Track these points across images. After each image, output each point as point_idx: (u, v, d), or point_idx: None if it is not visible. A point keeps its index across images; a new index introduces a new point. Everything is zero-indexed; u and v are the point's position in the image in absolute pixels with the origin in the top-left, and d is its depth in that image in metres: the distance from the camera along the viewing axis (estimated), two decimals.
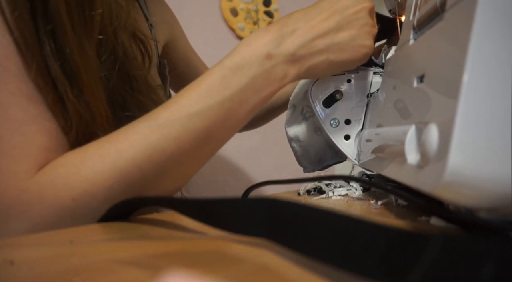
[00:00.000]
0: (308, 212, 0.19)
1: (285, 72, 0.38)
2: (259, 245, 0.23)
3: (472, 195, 0.19)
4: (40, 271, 0.19)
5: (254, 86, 0.37)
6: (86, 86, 0.38)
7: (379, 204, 0.36)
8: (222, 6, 1.15)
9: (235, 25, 1.16)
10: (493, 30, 0.19)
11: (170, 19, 0.71)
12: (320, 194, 0.43)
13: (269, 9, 1.22)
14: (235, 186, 1.15)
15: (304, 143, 0.53)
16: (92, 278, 0.18)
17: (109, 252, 0.23)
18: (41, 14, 0.36)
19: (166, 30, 0.68)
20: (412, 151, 0.25)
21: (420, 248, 0.15)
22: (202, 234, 0.27)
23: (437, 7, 0.27)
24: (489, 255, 0.13)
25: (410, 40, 0.34)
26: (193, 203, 0.26)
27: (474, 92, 0.19)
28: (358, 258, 0.17)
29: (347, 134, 0.48)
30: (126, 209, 0.33)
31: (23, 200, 0.32)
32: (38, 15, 0.36)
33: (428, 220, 0.29)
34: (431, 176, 0.21)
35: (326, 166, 0.55)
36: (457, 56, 0.21)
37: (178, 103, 0.36)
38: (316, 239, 0.18)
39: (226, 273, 0.19)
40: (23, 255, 0.22)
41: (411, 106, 0.29)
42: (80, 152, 0.34)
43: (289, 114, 0.53)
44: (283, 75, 0.38)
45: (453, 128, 0.19)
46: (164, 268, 0.19)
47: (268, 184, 0.36)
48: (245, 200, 0.23)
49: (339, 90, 0.48)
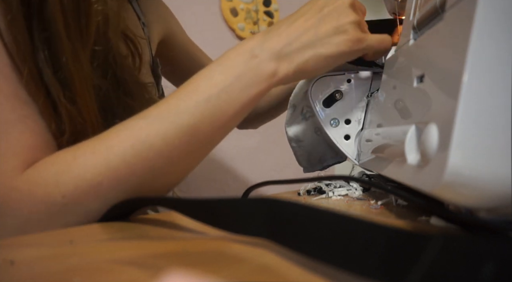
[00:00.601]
0: (308, 212, 0.19)
1: (273, 70, 0.38)
2: (259, 245, 0.23)
3: (472, 195, 0.19)
4: (40, 271, 0.19)
5: (240, 84, 0.38)
6: (79, 94, 0.39)
7: (379, 204, 0.36)
8: (222, 6, 1.15)
9: (235, 25, 1.16)
10: (493, 30, 0.19)
11: (166, 15, 0.71)
12: (320, 194, 0.43)
13: (269, 9, 1.22)
14: (235, 186, 1.15)
15: (304, 143, 0.53)
16: (92, 278, 0.18)
17: (109, 252, 0.23)
18: (37, 21, 0.36)
19: (161, 26, 0.68)
20: (412, 151, 0.25)
21: (420, 248, 0.15)
22: (202, 234, 0.27)
23: (437, 7, 0.27)
24: (489, 255, 0.13)
25: (410, 40, 0.34)
26: (193, 203, 0.26)
27: (474, 92, 0.19)
28: (358, 258, 0.17)
29: (347, 134, 0.48)
30: (126, 209, 0.33)
31: (12, 198, 0.33)
32: (34, 22, 0.36)
33: (428, 220, 0.29)
34: (431, 176, 0.21)
35: (326, 166, 0.55)
36: (457, 56, 0.21)
37: (167, 102, 0.37)
38: (316, 239, 0.18)
39: (226, 273, 0.19)
40: (23, 255, 0.22)
41: (411, 106, 0.29)
42: (72, 149, 0.35)
43: (289, 114, 0.53)
44: (271, 73, 0.38)
45: (453, 128, 0.19)
46: (164, 268, 0.19)
47: (268, 184, 0.36)
48: (245, 200, 0.23)
49: (339, 90, 0.48)
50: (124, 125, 0.36)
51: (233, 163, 1.16)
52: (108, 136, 0.35)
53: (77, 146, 0.35)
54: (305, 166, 0.55)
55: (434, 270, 0.14)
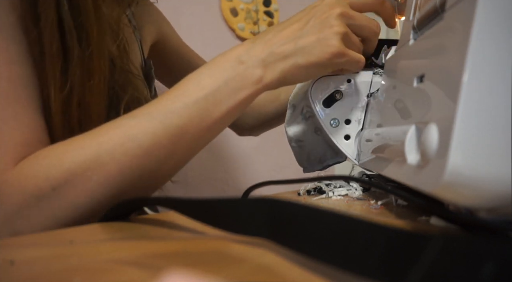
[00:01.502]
0: (308, 212, 0.19)
1: (259, 76, 0.40)
2: (259, 245, 0.23)
3: (472, 195, 0.19)
4: (40, 271, 0.19)
5: (228, 88, 0.39)
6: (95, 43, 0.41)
7: (379, 204, 0.36)
8: (222, 6, 1.15)
9: (235, 25, 1.16)
10: (493, 30, 0.19)
11: (158, 19, 0.72)
12: (320, 194, 0.43)
13: (269, 9, 1.22)
14: (235, 186, 1.15)
15: (304, 143, 0.53)
16: (92, 278, 0.18)
17: (109, 252, 0.23)
18: None
19: (154, 29, 0.69)
20: (412, 151, 0.25)
21: (420, 248, 0.15)
22: (202, 234, 0.27)
23: (437, 7, 0.27)
24: (489, 255, 0.13)
25: (410, 40, 0.34)
26: (193, 203, 0.26)
27: (474, 92, 0.19)
28: (358, 258, 0.17)
29: (347, 134, 0.48)
30: (126, 209, 0.33)
31: (3, 191, 0.34)
32: None
33: (428, 220, 0.29)
34: (431, 176, 0.21)
35: (326, 166, 0.55)
36: (457, 56, 0.21)
37: (157, 102, 0.39)
38: (316, 239, 0.18)
39: (226, 273, 0.19)
40: (23, 255, 0.22)
41: (411, 106, 0.29)
42: (63, 144, 0.36)
43: (289, 114, 0.53)
44: (257, 79, 0.40)
45: (453, 128, 0.19)
46: (164, 268, 0.19)
47: (268, 184, 0.36)
48: (245, 200, 0.23)
49: (339, 90, 0.48)
50: (114, 123, 0.37)
51: (233, 163, 1.16)
52: (99, 133, 0.37)
53: (68, 140, 0.37)
54: (305, 166, 0.55)
55: (434, 270, 0.14)
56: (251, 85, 0.39)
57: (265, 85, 0.40)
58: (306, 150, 0.53)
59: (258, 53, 0.40)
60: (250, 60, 0.40)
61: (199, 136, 0.39)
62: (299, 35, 0.40)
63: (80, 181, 0.34)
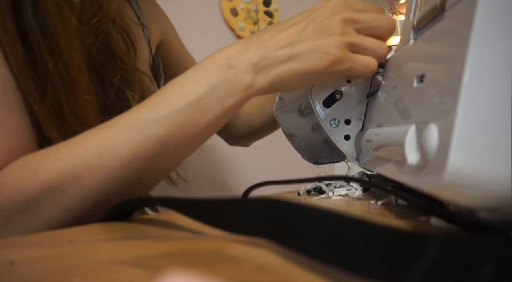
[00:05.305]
0: (308, 212, 0.19)
1: (249, 82, 0.37)
2: (259, 245, 0.23)
3: (472, 195, 0.19)
4: (40, 271, 0.19)
5: (215, 95, 0.36)
6: (64, 50, 0.38)
7: (379, 204, 0.36)
8: (222, 6, 1.15)
9: (235, 25, 1.16)
10: (493, 30, 0.19)
11: (163, 21, 0.71)
12: (320, 194, 0.43)
13: (269, 9, 1.22)
14: (235, 186, 1.15)
15: (299, 139, 0.53)
16: (92, 278, 0.18)
17: (109, 252, 0.23)
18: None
19: (159, 30, 0.68)
20: (412, 151, 0.25)
21: (420, 248, 0.15)
22: (202, 234, 0.27)
23: (437, 7, 0.27)
24: (489, 255, 0.13)
25: (410, 40, 0.34)
26: (193, 203, 0.26)
27: (474, 92, 0.19)
28: (358, 258, 0.17)
29: (347, 134, 0.48)
30: (126, 209, 0.33)
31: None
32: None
33: (428, 220, 0.29)
34: (431, 176, 0.21)
35: (319, 164, 0.55)
36: (457, 56, 0.21)
37: (138, 110, 0.36)
38: (316, 239, 0.18)
39: (226, 273, 0.19)
40: (23, 255, 0.22)
41: (411, 106, 0.29)
42: (38, 154, 0.35)
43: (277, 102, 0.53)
44: (247, 85, 0.37)
45: (453, 128, 0.19)
46: (164, 268, 0.19)
47: (268, 184, 0.36)
48: (245, 200, 0.23)
49: (339, 90, 0.47)
50: (91, 133, 0.35)
51: (233, 163, 1.16)
52: (76, 143, 0.34)
53: (44, 150, 0.35)
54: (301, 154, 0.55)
55: (434, 270, 0.14)
56: (240, 92, 0.37)
57: (255, 91, 0.38)
58: (301, 145, 0.53)
59: (250, 57, 0.37)
60: (240, 65, 0.37)
61: (182, 146, 0.37)
62: (296, 39, 0.38)
63: (55, 195, 0.32)
